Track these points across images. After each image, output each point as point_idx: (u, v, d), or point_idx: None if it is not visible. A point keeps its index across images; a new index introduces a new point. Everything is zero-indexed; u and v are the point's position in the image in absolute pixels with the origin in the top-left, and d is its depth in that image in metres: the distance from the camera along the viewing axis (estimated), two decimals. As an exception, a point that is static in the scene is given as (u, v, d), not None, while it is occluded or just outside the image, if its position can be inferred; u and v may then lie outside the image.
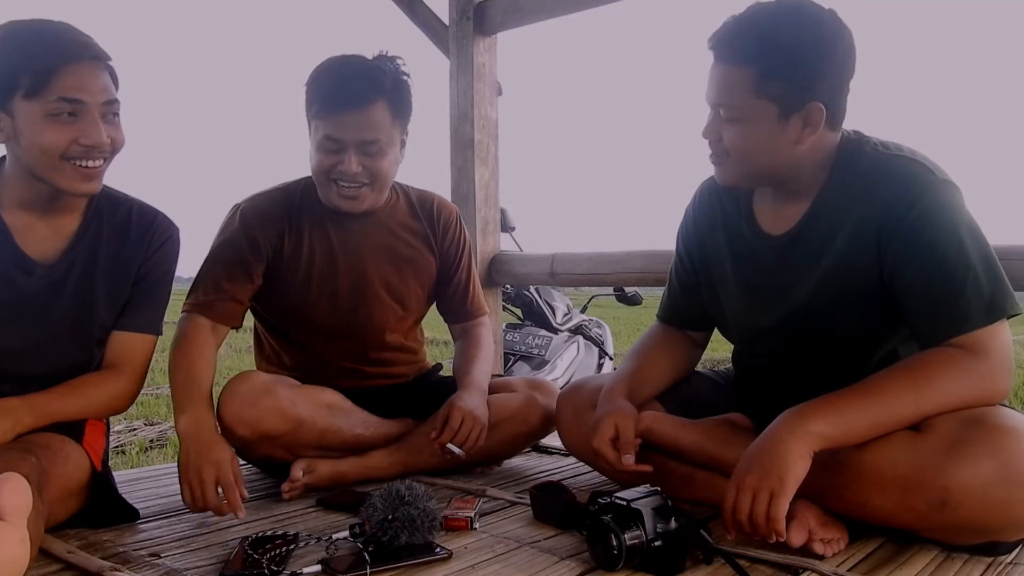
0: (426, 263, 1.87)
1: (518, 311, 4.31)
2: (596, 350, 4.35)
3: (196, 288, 1.69)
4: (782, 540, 1.18)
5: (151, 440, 4.04)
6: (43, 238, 1.41)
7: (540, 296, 4.17)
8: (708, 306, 1.60)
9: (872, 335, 1.38)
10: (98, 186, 1.37)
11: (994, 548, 1.24)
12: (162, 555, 1.28)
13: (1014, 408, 1.26)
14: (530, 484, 1.58)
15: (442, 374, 2.01)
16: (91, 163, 1.33)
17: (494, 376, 1.95)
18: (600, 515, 1.19)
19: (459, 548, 1.30)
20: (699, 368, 1.73)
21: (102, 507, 1.41)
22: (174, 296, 1.59)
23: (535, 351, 4.00)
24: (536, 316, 4.16)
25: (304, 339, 1.83)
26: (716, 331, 1.67)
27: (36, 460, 1.22)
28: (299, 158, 1.73)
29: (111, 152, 1.36)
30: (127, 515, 1.44)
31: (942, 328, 1.24)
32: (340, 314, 1.79)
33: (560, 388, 1.87)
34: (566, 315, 4.28)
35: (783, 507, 1.15)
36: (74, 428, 1.41)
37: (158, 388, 5.53)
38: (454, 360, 1.93)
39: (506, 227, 3.25)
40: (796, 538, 1.21)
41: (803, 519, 1.23)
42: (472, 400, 1.71)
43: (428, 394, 1.84)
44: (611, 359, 4.42)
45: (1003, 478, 1.11)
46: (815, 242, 1.37)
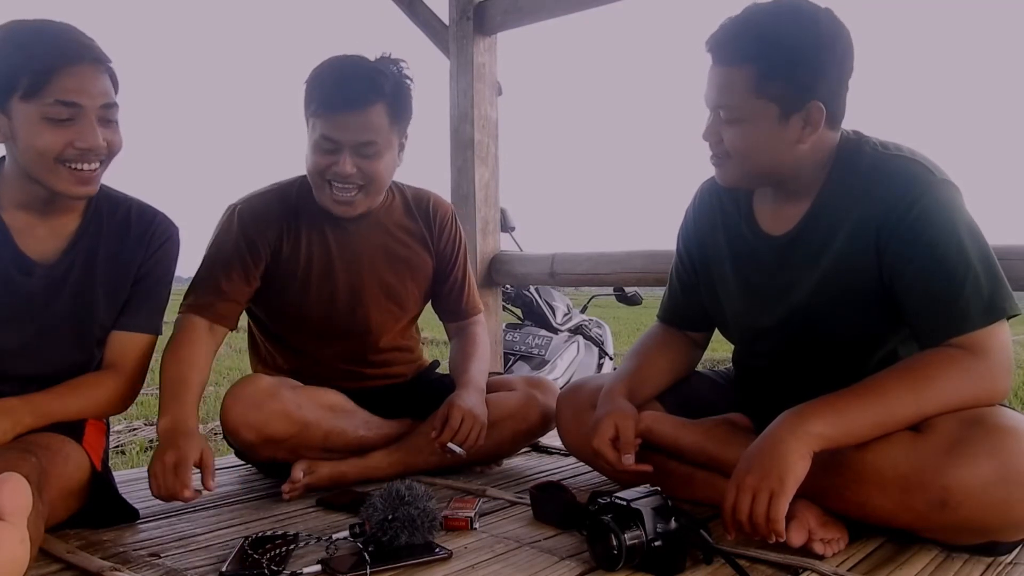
0: (423, 263, 1.87)
1: (518, 311, 4.32)
2: (596, 350, 4.35)
3: (194, 289, 1.68)
4: (782, 540, 1.18)
5: (151, 440, 4.03)
6: (43, 238, 1.41)
7: (540, 296, 4.17)
8: (708, 306, 1.60)
9: (872, 335, 1.38)
10: (94, 189, 1.37)
11: (994, 548, 1.24)
12: (162, 555, 1.28)
13: (1014, 408, 1.26)
14: (530, 484, 1.58)
15: (439, 371, 2.01)
16: (86, 166, 1.32)
17: (493, 375, 1.95)
18: (600, 515, 1.19)
19: (459, 548, 1.30)
20: (699, 368, 1.73)
21: (102, 507, 1.41)
22: (174, 296, 1.58)
23: (535, 351, 4.00)
24: (536, 316, 4.16)
25: (301, 341, 1.82)
26: (716, 331, 1.67)
27: (36, 460, 1.22)
28: (297, 158, 1.73)
29: (108, 156, 1.35)
30: (127, 515, 1.44)
31: (942, 328, 1.24)
32: (337, 316, 1.79)
33: (560, 388, 1.87)
34: (566, 315, 4.28)
35: (783, 507, 1.15)
36: (74, 428, 1.40)
37: (158, 388, 5.51)
38: (450, 359, 1.93)
39: (506, 227, 3.25)
40: (796, 538, 1.21)
41: (803, 519, 1.23)
42: (471, 399, 1.71)
43: (427, 393, 1.84)
44: (611, 359, 4.42)
45: (1003, 478, 1.11)
46: (815, 242, 1.37)
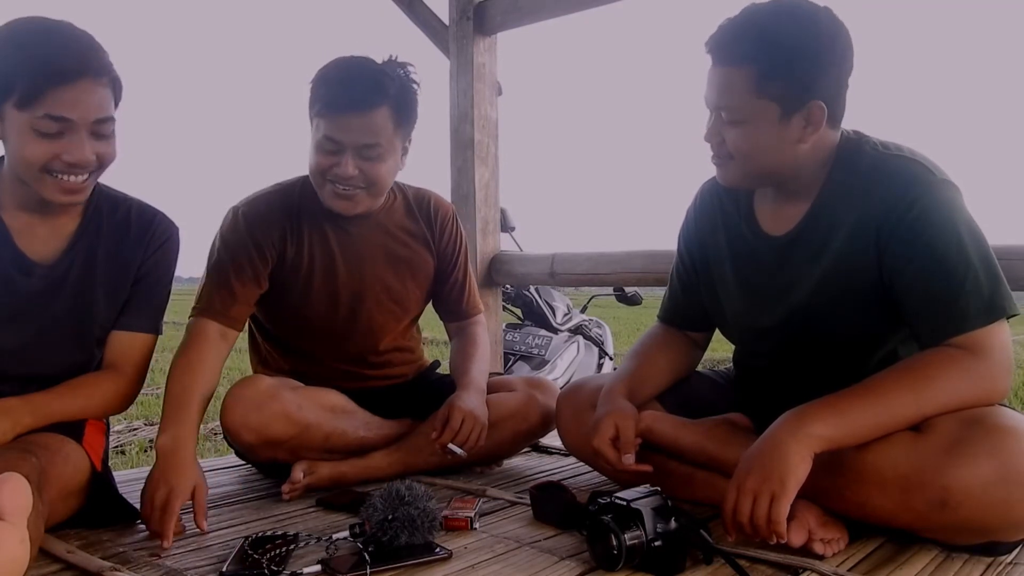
0: (424, 263, 1.87)
1: (518, 311, 4.31)
2: (596, 350, 4.35)
3: (206, 292, 1.65)
4: (783, 541, 1.18)
5: (151, 440, 4.04)
6: (42, 239, 1.41)
7: (540, 296, 4.17)
8: (708, 306, 1.60)
9: (872, 335, 1.38)
10: (81, 198, 1.36)
11: (994, 548, 1.24)
12: (162, 555, 1.28)
13: (1014, 408, 1.26)
14: (530, 484, 1.58)
15: (440, 371, 2.01)
16: (72, 178, 1.31)
17: (493, 375, 1.94)
18: (600, 515, 1.19)
19: (459, 548, 1.30)
20: (699, 368, 1.73)
21: (102, 507, 1.41)
22: (174, 296, 1.58)
23: (535, 351, 4.00)
24: (536, 316, 4.16)
25: (302, 341, 1.82)
26: (716, 331, 1.67)
27: (36, 460, 1.21)
28: (298, 158, 1.73)
29: (98, 167, 1.34)
30: (127, 515, 1.44)
31: (942, 328, 1.24)
32: (339, 317, 1.79)
33: (560, 388, 1.87)
34: (566, 315, 4.28)
35: (784, 509, 1.15)
36: (74, 428, 1.40)
37: (158, 388, 5.52)
38: (451, 359, 1.92)
39: (506, 227, 3.25)
40: (796, 538, 1.21)
41: (803, 519, 1.23)
42: (471, 400, 1.71)
43: (427, 394, 1.84)
44: (611, 359, 4.42)
45: (1003, 478, 1.11)
46: (815, 242, 1.37)
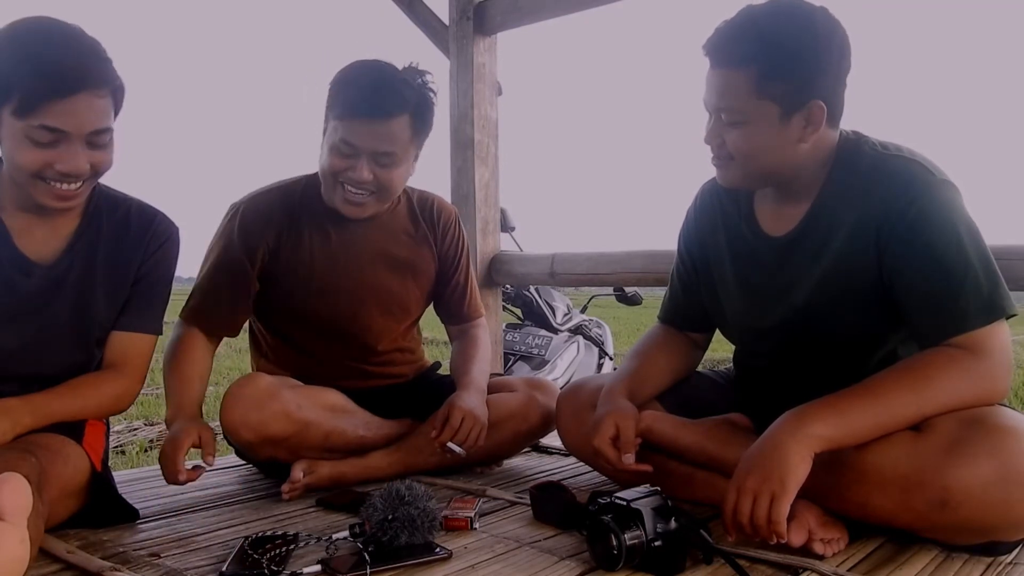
0: (426, 266, 1.87)
1: (518, 311, 4.31)
2: (596, 350, 4.35)
3: (194, 295, 1.70)
4: (783, 542, 1.18)
5: (151, 440, 4.03)
6: (42, 239, 1.41)
7: (540, 296, 4.17)
8: (708, 306, 1.60)
9: (872, 335, 1.38)
10: (75, 204, 1.36)
11: (994, 548, 1.24)
12: (162, 555, 1.28)
13: (1014, 408, 1.26)
14: (530, 484, 1.58)
15: (440, 372, 2.01)
16: (65, 186, 1.31)
17: (493, 375, 1.95)
18: (600, 515, 1.19)
19: (459, 548, 1.30)
20: (699, 368, 1.73)
21: (102, 507, 1.41)
22: (173, 296, 1.58)
23: (535, 351, 4.00)
24: (536, 316, 4.16)
25: (303, 340, 1.82)
26: (716, 331, 1.67)
27: (36, 460, 1.21)
28: (298, 158, 1.73)
29: (93, 175, 1.33)
30: (127, 515, 1.44)
31: (941, 328, 1.24)
32: (339, 316, 1.79)
33: (560, 388, 1.87)
34: (566, 315, 4.28)
35: (784, 510, 1.15)
36: (74, 428, 1.40)
37: (158, 388, 5.51)
38: (451, 361, 1.93)
39: (506, 227, 3.25)
40: (796, 538, 1.21)
41: (803, 519, 1.23)
42: (472, 399, 1.71)
43: (427, 394, 1.84)
44: (611, 359, 4.42)
45: (1003, 478, 1.11)
46: (815, 242, 1.37)
